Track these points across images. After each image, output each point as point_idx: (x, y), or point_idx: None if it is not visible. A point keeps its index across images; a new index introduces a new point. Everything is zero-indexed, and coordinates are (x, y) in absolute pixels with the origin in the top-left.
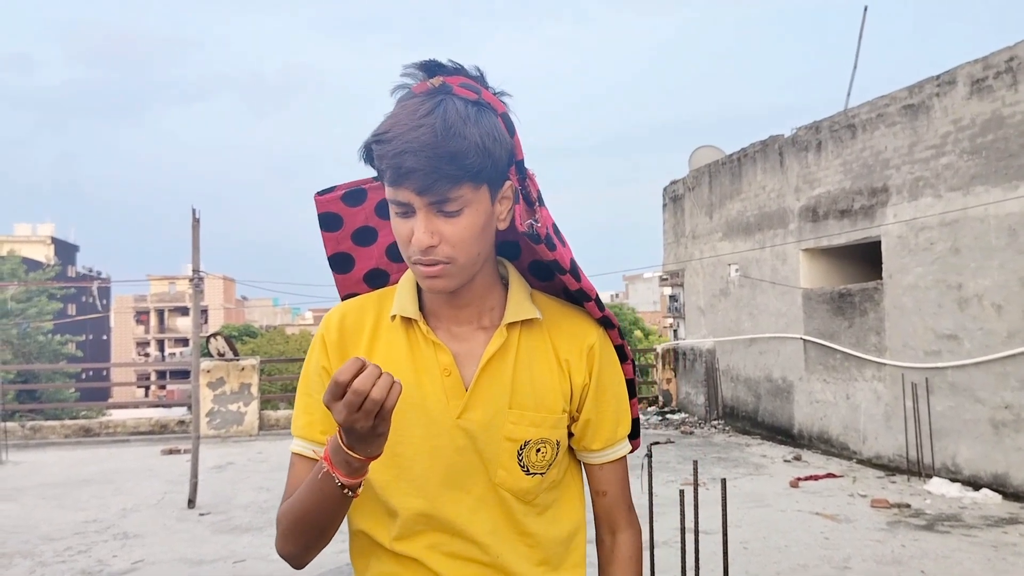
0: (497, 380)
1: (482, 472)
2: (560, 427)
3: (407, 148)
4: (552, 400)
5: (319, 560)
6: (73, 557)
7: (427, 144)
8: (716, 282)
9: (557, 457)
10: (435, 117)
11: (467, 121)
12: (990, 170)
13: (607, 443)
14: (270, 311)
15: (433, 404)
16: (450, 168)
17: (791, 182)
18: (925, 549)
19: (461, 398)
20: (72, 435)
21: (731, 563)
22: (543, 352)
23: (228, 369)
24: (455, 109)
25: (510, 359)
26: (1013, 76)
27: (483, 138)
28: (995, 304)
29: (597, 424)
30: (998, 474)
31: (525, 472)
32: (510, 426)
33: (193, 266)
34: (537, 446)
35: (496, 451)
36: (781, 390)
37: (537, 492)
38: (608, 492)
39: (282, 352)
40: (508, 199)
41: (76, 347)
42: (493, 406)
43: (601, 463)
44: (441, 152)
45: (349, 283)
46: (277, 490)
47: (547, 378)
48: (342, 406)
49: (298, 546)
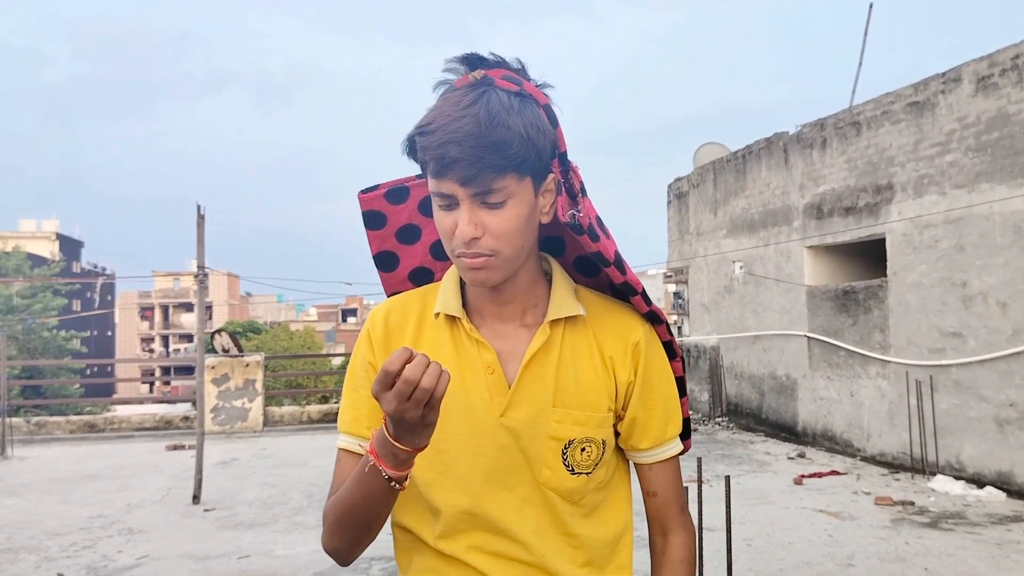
0: (540, 378)
1: (526, 471)
2: (605, 426)
3: (450, 138)
4: (596, 398)
5: (313, 558)
6: (79, 552)
7: (470, 134)
8: (720, 279)
9: (604, 456)
10: (478, 107)
11: (510, 111)
12: (995, 168)
13: (656, 442)
14: (274, 307)
15: (477, 402)
16: (494, 158)
17: (796, 179)
18: (929, 547)
19: (504, 396)
20: (77, 431)
21: (735, 560)
22: (587, 349)
23: (233, 365)
24: (498, 100)
25: (554, 356)
26: (1019, 74)
27: (527, 128)
28: (1000, 302)
29: (645, 423)
30: (1002, 472)
31: (570, 472)
32: (554, 424)
33: (198, 262)
34: (582, 445)
35: (540, 450)
36: (785, 387)
37: (584, 492)
38: (659, 493)
39: (286, 348)
40: (551, 192)
41: (81, 343)
42: (536, 404)
43: (650, 463)
44: (485, 142)
45: (394, 281)
46: (281, 486)
47: (591, 376)
48: (392, 395)
49: (344, 541)
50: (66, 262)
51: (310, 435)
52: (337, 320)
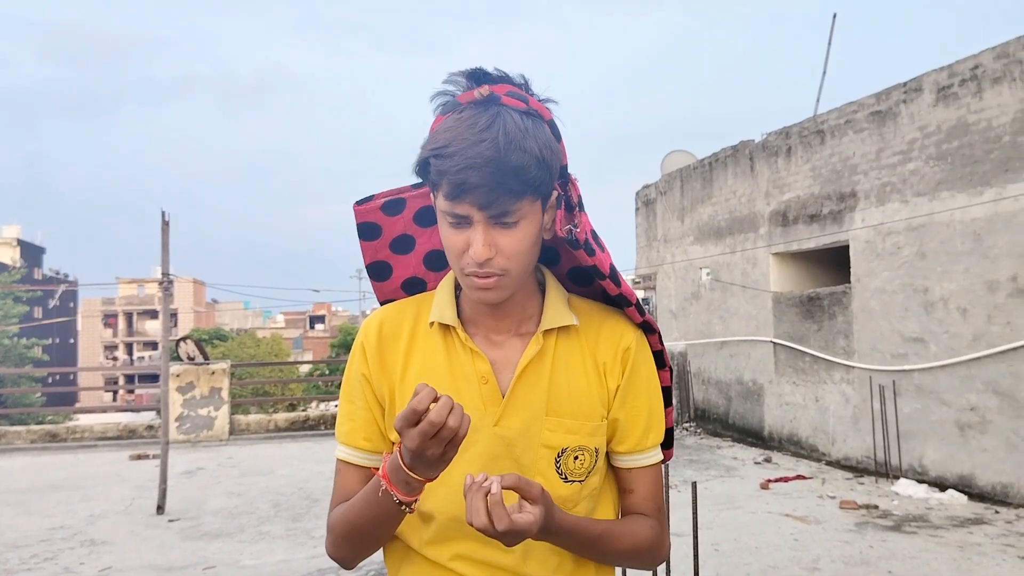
0: (534, 387)
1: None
2: (598, 434)
3: (471, 164)
4: (589, 407)
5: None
6: (39, 564)
7: (491, 159)
8: (688, 285)
9: (597, 464)
10: (495, 131)
11: (526, 134)
12: (955, 176)
13: (635, 448)
14: (241, 314)
15: (471, 411)
16: (514, 183)
17: (761, 187)
18: (892, 550)
19: (498, 405)
20: (38, 440)
21: (703, 564)
22: (580, 358)
23: (198, 373)
24: (513, 122)
25: (547, 365)
26: (978, 84)
27: (542, 150)
28: (960, 308)
29: (626, 426)
30: (964, 475)
31: (563, 480)
32: (547, 433)
33: (162, 269)
34: (575, 453)
35: (534, 459)
36: (752, 392)
37: (577, 500)
38: (636, 491)
39: (253, 356)
40: (554, 207)
41: (42, 351)
42: (530, 413)
43: (629, 467)
44: (505, 168)
45: (387, 291)
46: (248, 495)
47: (584, 384)
48: (416, 433)
49: (351, 552)
50: (27, 268)
51: (277, 443)
52: (305, 327)
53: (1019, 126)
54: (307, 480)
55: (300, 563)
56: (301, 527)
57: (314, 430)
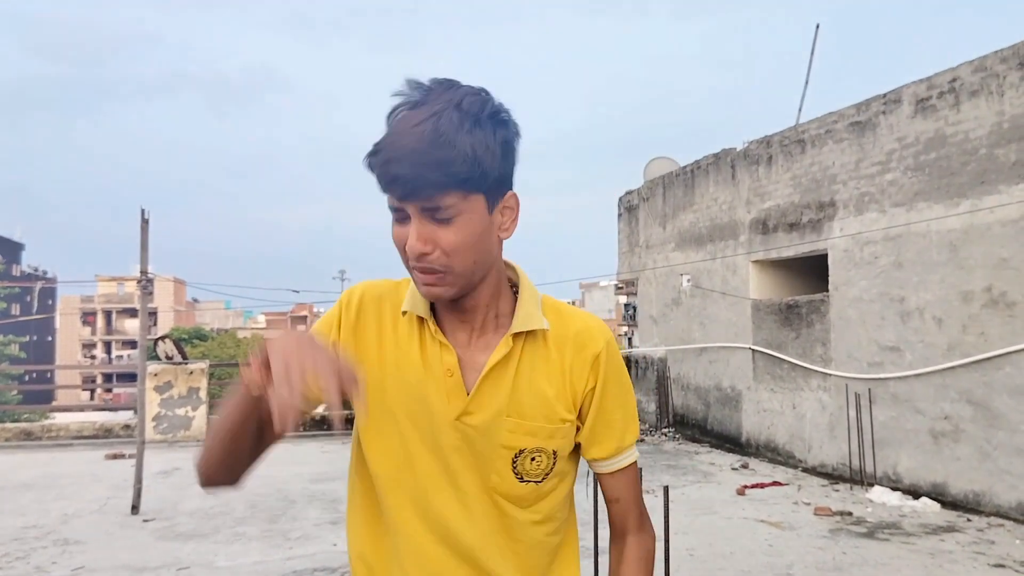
0: (498, 388)
1: (476, 474)
2: (557, 437)
3: (393, 155)
4: (550, 410)
5: (255, 569)
6: (11, 564)
7: (413, 150)
8: (668, 291)
9: (555, 467)
10: (425, 126)
11: (459, 131)
12: (932, 187)
13: (615, 451)
14: (222, 314)
15: (435, 401)
16: (434, 175)
17: (742, 195)
18: (865, 556)
19: (462, 401)
20: (13, 439)
21: (678, 569)
22: (545, 361)
23: (176, 373)
24: (448, 120)
25: (512, 367)
26: (956, 97)
27: (475, 148)
28: (936, 317)
29: (605, 433)
30: (937, 483)
31: (519, 479)
32: (506, 434)
33: (141, 267)
34: (532, 455)
35: (491, 457)
36: (730, 399)
37: (533, 500)
38: (620, 499)
39: (233, 356)
40: (511, 209)
41: (19, 348)
42: (491, 412)
43: (611, 471)
44: (427, 159)
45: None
46: (223, 496)
47: (547, 387)
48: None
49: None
50: (5, 265)
51: None
52: (286, 328)
53: (995, 139)
54: (285, 481)
55: (275, 564)
56: (277, 528)
57: (292, 432)
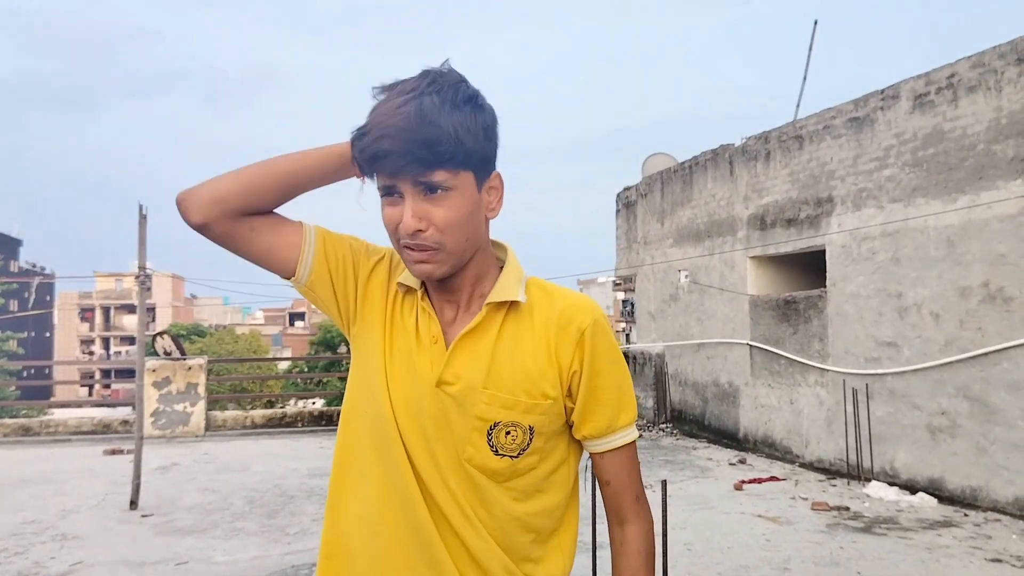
0: (474, 358)
1: (452, 445)
2: (535, 412)
3: (384, 133)
4: (531, 384)
5: (254, 564)
6: (9, 559)
7: (402, 128)
8: (666, 287)
9: (532, 444)
10: (410, 107)
11: (440, 112)
12: (930, 183)
13: (607, 430)
14: (220, 310)
15: (420, 367)
16: (422, 152)
17: (740, 191)
18: (862, 551)
19: (441, 365)
20: (11, 434)
21: (675, 564)
22: (528, 336)
23: (174, 368)
24: (431, 101)
25: (490, 339)
26: (954, 92)
27: (456, 128)
28: (933, 313)
29: (595, 411)
30: (934, 478)
31: (494, 452)
32: (482, 405)
33: (139, 263)
34: (507, 428)
35: (467, 428)
36: (728, 394)
37: (509, 475)
38: (612, 482)
39: (231, 352)
40: (496, 189)
41: (17, 344)
42: (467, 383)
43: (602, 451)
44: (415, 136)
45: None
46: (222, 491)
47: (529, 362)
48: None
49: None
50: (3, 261)
51: (254, 440)
52: (284, 324)
53: (993, 135)
54: (283, 477)
55: (274, 559)
56: (276, 524)
57: (291, 427)
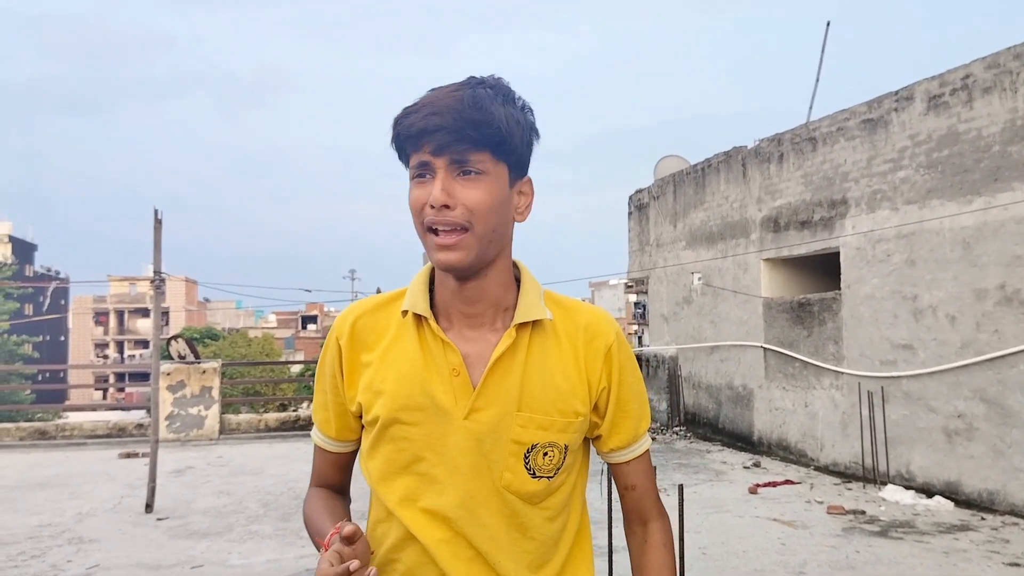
0: (506, 382)
1: (487, 474)
2: (569, 431)
3: (436, 111)
4: (563, 403)
5: (268, 567)
6: (27, 562)
7: (454, 108)
8: (679, 290)
9: (565, 461)
10: (465, 93)
11: (493, 101)
12: (945, 184)
13: (632, 440)
14: (233, 313)
15: (442, 403)
16: (472, 132)
17: (753, 193)
18: (879, 555)
19: (469, 398)
20: (27, 438)
21: (691, 568)
22: (556, 354)
23: (189, 372)
24: (484, 92)
25: (520, 360)
26: (968, 93)
27: (507, 118)
28: (949, 315)
29: (621, 423)
30: (950, 482)
31: (531, 475)
32: (517, 429)
33: (154, 267)
34: (544, 450)
35: (503, 454)
36: (741, 397)
37: (544, 496)
38: (637, 486)
39: (244, 355)
40: (526, 195)
41: (33, 348)
42: (501, 408)
43: (629, 459)
44: (466, 116)
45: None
46: (237, 494)
47: (560, 380)
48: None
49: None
50: (19, 265)
51: (267, 443)
52: (297, 327)
53: (1009, 136)
54: (297, 480)
55: (288, 563)
56: (290, 527)
57: (304, 430)
